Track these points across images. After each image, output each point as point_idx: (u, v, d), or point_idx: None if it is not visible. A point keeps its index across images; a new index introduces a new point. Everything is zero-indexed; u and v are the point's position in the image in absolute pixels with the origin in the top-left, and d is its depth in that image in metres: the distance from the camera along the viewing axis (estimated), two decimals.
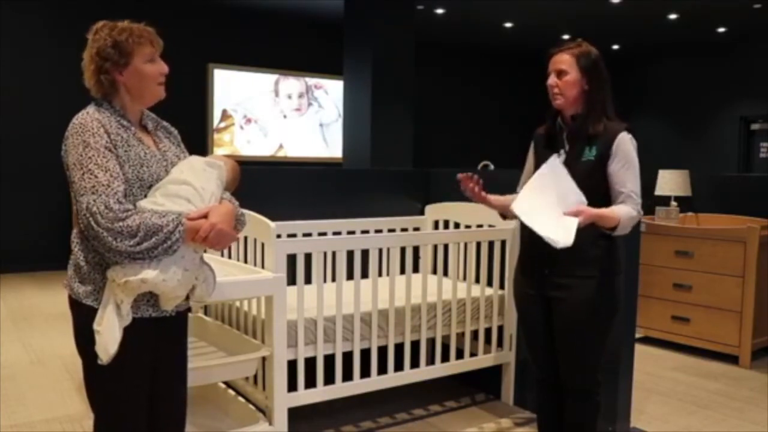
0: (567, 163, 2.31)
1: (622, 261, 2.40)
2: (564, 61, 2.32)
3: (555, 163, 2.25)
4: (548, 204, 2.20)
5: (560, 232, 2.11)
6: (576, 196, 2.19)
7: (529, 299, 2.45)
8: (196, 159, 1.92)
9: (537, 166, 2.41)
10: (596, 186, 2.28)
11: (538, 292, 2.40)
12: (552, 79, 2.34)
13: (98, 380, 1.81)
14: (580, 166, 2.30)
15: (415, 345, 3.17)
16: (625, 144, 2.29)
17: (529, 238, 2.32)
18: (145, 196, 1.78)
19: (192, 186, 1.80)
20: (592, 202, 2.23)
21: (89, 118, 1.75)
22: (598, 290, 2.32)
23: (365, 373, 3.00)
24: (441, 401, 3.54)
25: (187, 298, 1.87)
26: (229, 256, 3.15)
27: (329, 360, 2.88)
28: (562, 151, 2.37)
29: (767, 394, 3.81)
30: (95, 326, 1.73)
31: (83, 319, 1.77)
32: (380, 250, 3.27)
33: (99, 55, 1.80)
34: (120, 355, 1.73)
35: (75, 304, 1.81)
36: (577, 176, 2.24)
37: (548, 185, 2.22)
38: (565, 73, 2.31)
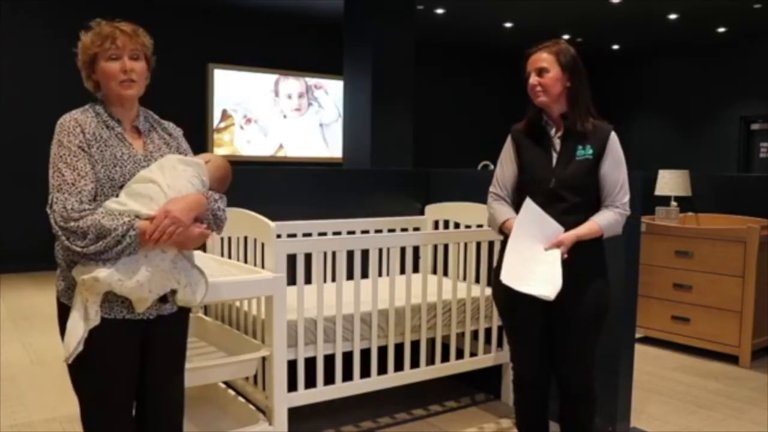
0: (561, 162, 2.33)
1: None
2: (543, 59, 2.32)
3: (529, 204, 2.27)
4: (531, 250, 2.24)
5: (549, 281, 2.18)
6: (553, 229, 2.26)
7: (525, 301, 2.27)
8: (169, 157, 1.89)
9: (521, 165, 2.41)
10: (592, 184, 2.33)
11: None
12: (534, 78, 2.33)
13: (76, 378, 1.84)
14: (577, 165, 2.32)
15: (415, 345, 3.17)
16: (616, 144, 2.36)
17: None
18: (117, 196, 1.78)
19: (157, 184, 1.78)
20: (587, 200, 2.32)
21: (68, 118, 1.79)
22: (605, 290, 2.38)
23: (365, 373, 3.00)
24: (441, 401, 3.53)
25: (165, 300, 1.85)
26: (229, 256, 3.15)
27: (329, 360, 2.88)
28: (553, 151, 2.35)
29: (767, 394, 3.81)
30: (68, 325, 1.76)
31: (60, 316, 1.84)
32: (380, 250, 3.27)
33: (81, 57, 1.85)
34: (93, 356, 1.75)
35: (57, 301, 1.87)
36: (575, 174, 2.30)
37: (528, 228, 2.26)
38: (546, 70, 2.31)
